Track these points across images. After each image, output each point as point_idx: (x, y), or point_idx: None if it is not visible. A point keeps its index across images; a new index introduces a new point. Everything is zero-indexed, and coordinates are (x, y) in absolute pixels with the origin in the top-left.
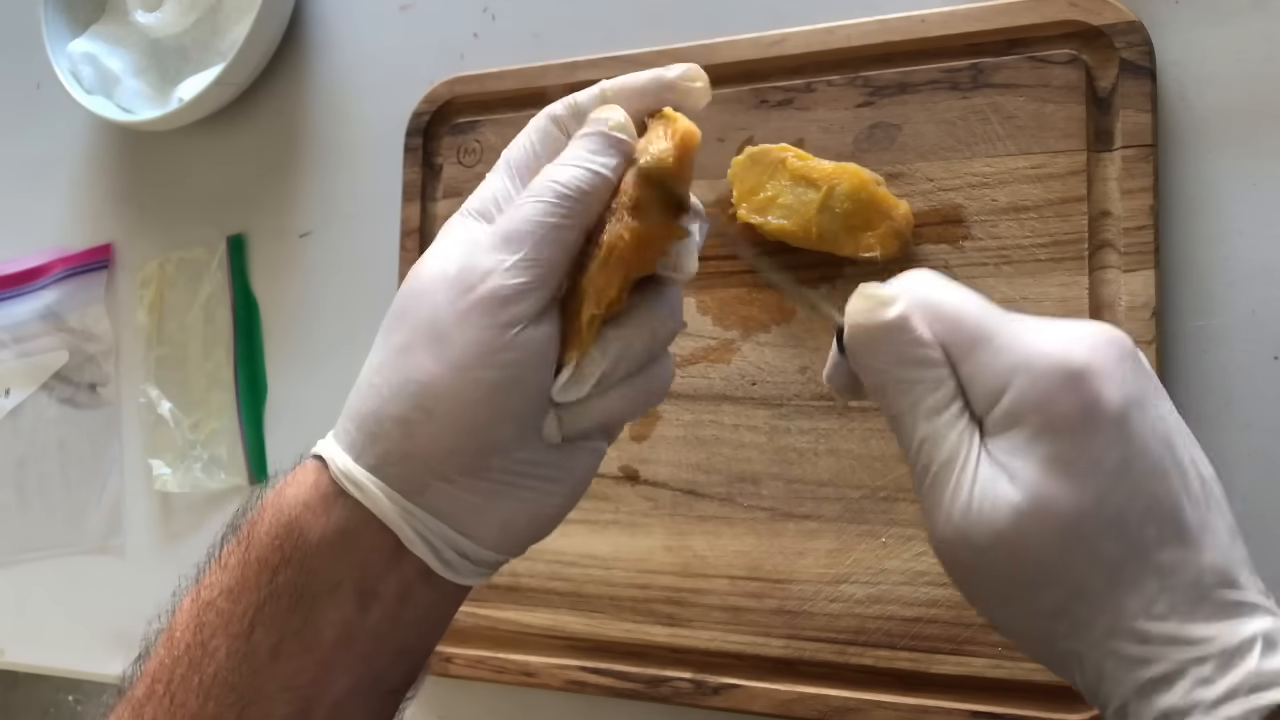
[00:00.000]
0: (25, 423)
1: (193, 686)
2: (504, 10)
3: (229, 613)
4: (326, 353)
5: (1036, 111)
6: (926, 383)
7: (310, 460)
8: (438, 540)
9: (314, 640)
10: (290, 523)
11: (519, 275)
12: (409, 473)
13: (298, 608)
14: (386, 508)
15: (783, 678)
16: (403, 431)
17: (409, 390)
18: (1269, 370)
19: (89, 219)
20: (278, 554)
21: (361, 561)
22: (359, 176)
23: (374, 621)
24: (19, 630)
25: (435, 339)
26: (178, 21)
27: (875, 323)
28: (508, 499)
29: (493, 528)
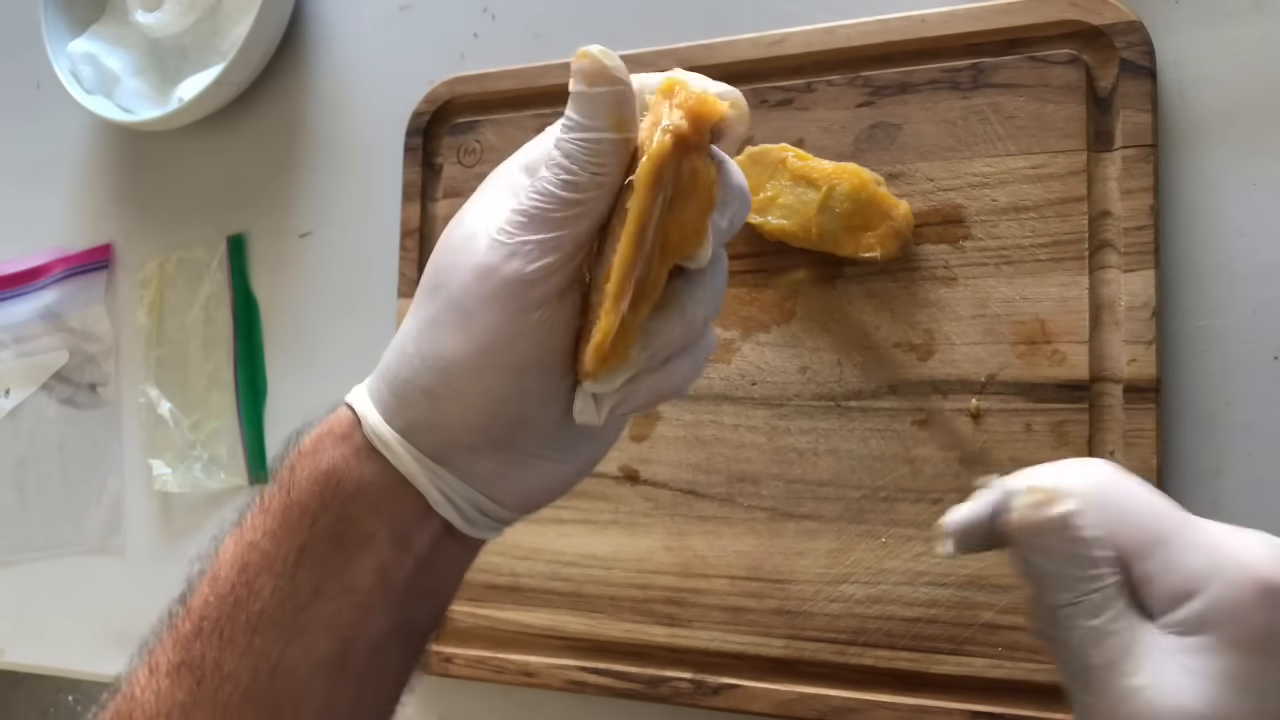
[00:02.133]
0: (25, 423)
1: (240, 623)
2: (504, 10)
3: (273, 554)
4: (326, 353)
5: (1037, 111)
6: (1090, 579)
7: (345, 411)
8: (462, 501)
9: (353, 582)
10: (329, 471)
11: (541, 258)
12: (436, 440)
13: (337, 551)
14: (414, 470)
15: (783, 678)
16: (430, 404)
17: (438, 365)
18: (1269, 370)
19: (89, 219)
20: (317, 500)
21: (395, 514)
22: (359, 176)
23: (407, 568)
24: (19, 630)
25: (463, 317)
26: (178, 21)
27: (1042, 518)
28: (528, 469)
29: (512, 493)
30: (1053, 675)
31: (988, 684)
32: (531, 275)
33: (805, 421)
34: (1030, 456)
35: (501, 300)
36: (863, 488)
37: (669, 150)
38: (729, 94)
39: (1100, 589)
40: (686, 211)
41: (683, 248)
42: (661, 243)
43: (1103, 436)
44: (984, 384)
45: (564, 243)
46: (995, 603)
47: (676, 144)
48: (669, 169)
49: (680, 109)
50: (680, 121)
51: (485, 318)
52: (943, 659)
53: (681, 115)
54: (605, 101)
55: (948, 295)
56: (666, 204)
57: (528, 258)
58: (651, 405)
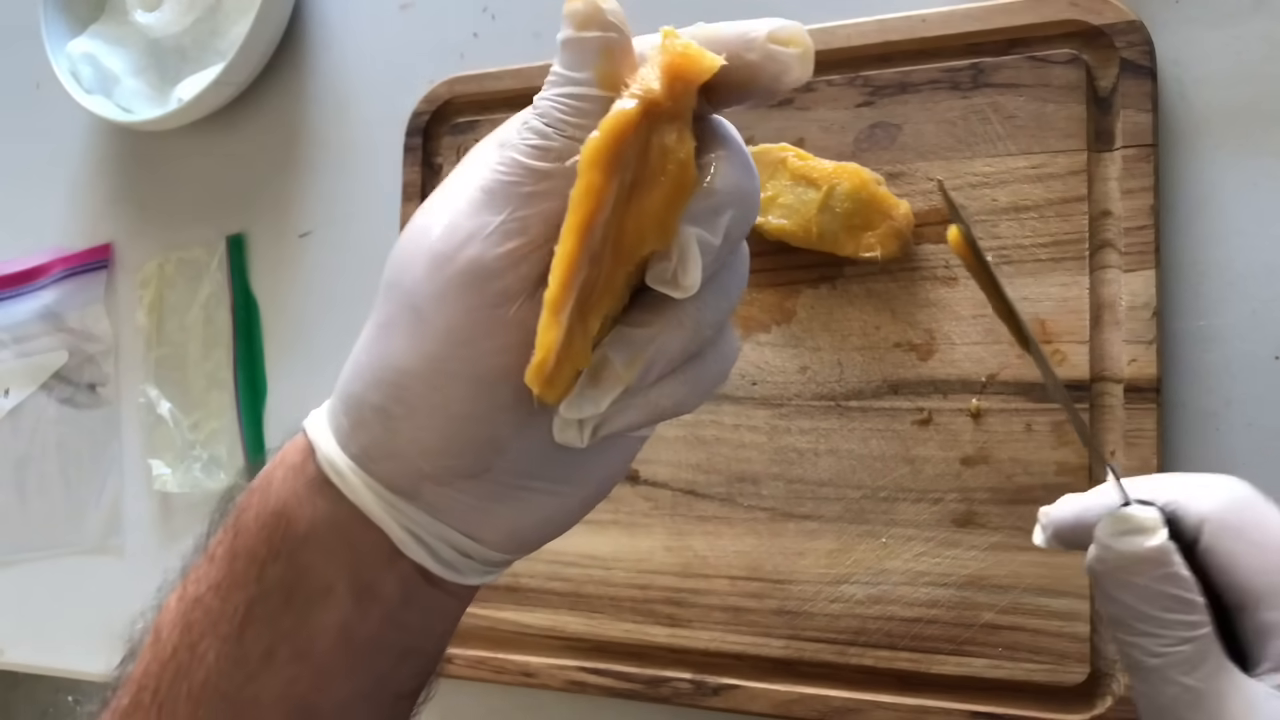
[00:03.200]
0: (25, 423)
1: (181, 695)
2: (504, 10)
3: (218, 611)
4: (326, 353)
5: (1037, 111)
6: (1181, 626)
7: (300, 437)
8: (433, 540)
9: (309, 645)
10: (277, 511)
11: (503, 243)
12: (396, 470)
13: (289, 608)
14: (372, 505)
15: (783, 678)
16: (383, 425)
17: (387, 378)
18: (1270, 370)
19: (88, 219)
20: (265, 546)
21: (355, 559)
22: (359, 176)
23: (374, 623)
24: (19, 630)
25: (414, 318)
26: (177, 21)
27: (1129, 552)
28: (514, 502)
29: (497, 531)
30: (1053, 675)
31: (988, 684)
32: (492, 264)
33: (805, 421)
34: (1030, 456)
35: (457, 295)
36: (863, 488)
37: (633, 119)
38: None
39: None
40: (648, 199)
41: (638, 246)
42: (616, 238)
43: (1103, 436)
44: (984, 384)
45: (531, 224)
46: (996, 603)
47: (645, 111)
48: (632, 143)
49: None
50: (652, 83)
51: (439, 317)
52: (943, 659)
53: (656, 74)
54: (593, 48)
55: (948, 295)
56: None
57: (487, 242)
58: (650, 424)
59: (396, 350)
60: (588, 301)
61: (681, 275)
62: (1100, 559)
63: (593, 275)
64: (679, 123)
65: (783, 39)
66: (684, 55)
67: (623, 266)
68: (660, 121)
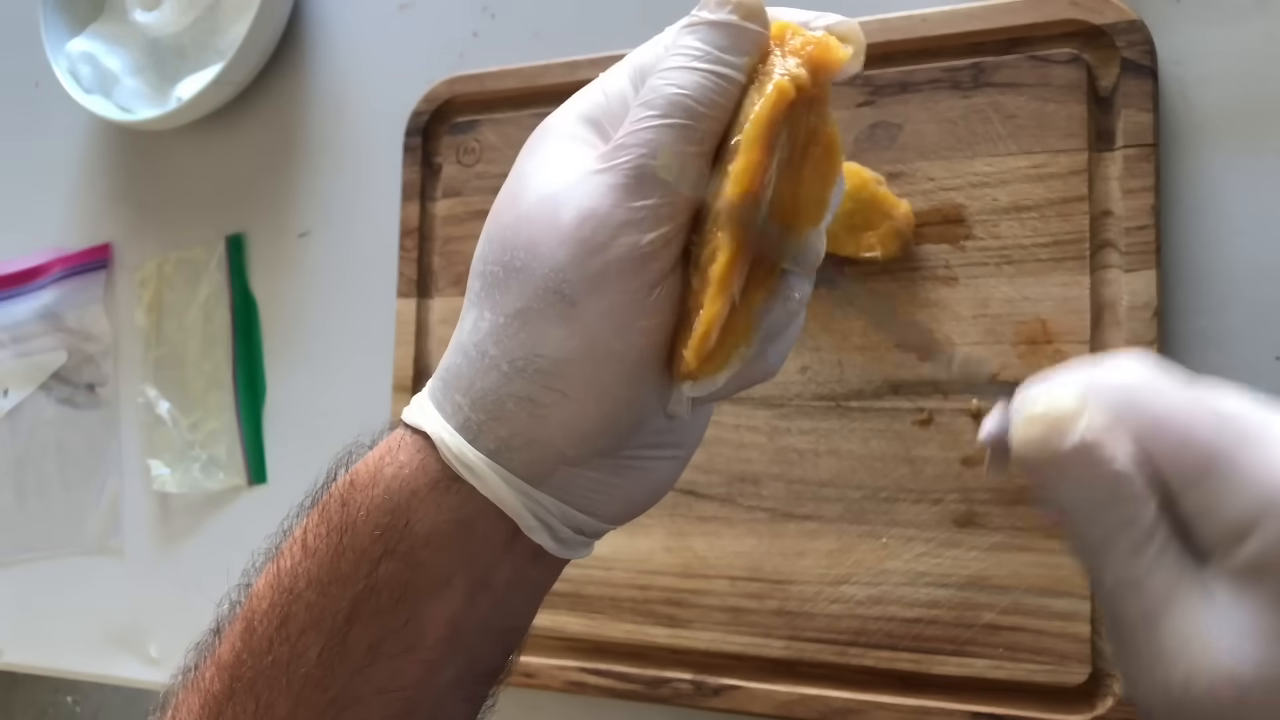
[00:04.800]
0: (24, 423)
1: (280, 688)
2: (504, 9)
3: (320, 607)
4: (326, 353)
5: (1038, 111)
6: (1121, 517)
7: (406, 434)
8: (557, 522)
9: (418, 638)
10: (395, 509)
11: (657, 226)
12: (535, 457)
13: (402, 604)
14: (507, 496)
15: (783, 679)
16: (529, 414)
17: (536, 366)
18: (1271, 370)
19: (87, 219)
20: (380, 545)
21: (475, 552)
22: (358, 176)
23: (482, 611)
24: (18, 630)
25: (563, 306)
26: (176, 20)
27: (1052, 452)
28: (634, 474)
29: (616, 504)
30: (1054, 676)
31: (989, 685)
32: (647, 248)
33: (806, 422)
34: None
35: (615, 280)
36: (863, 488)
37: (788, 102)
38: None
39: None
40: (810, 178)
41: (802, 224)
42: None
43: None
44: (985, 384)
45: (680, 207)
46: (997, 603)
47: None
48: (783, 126)
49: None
50: (799, 70)
51: (597, 303)
52: (944, 660)
53: (798, 63)
54: (752, 41)
55: (949, 295)
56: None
57: (641, 227)
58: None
59: (548, 338)
60: (754, 279)
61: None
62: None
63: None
64: (821, 107)
65: (840, 35)
66: (824, 46)
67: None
68: (807, 107)
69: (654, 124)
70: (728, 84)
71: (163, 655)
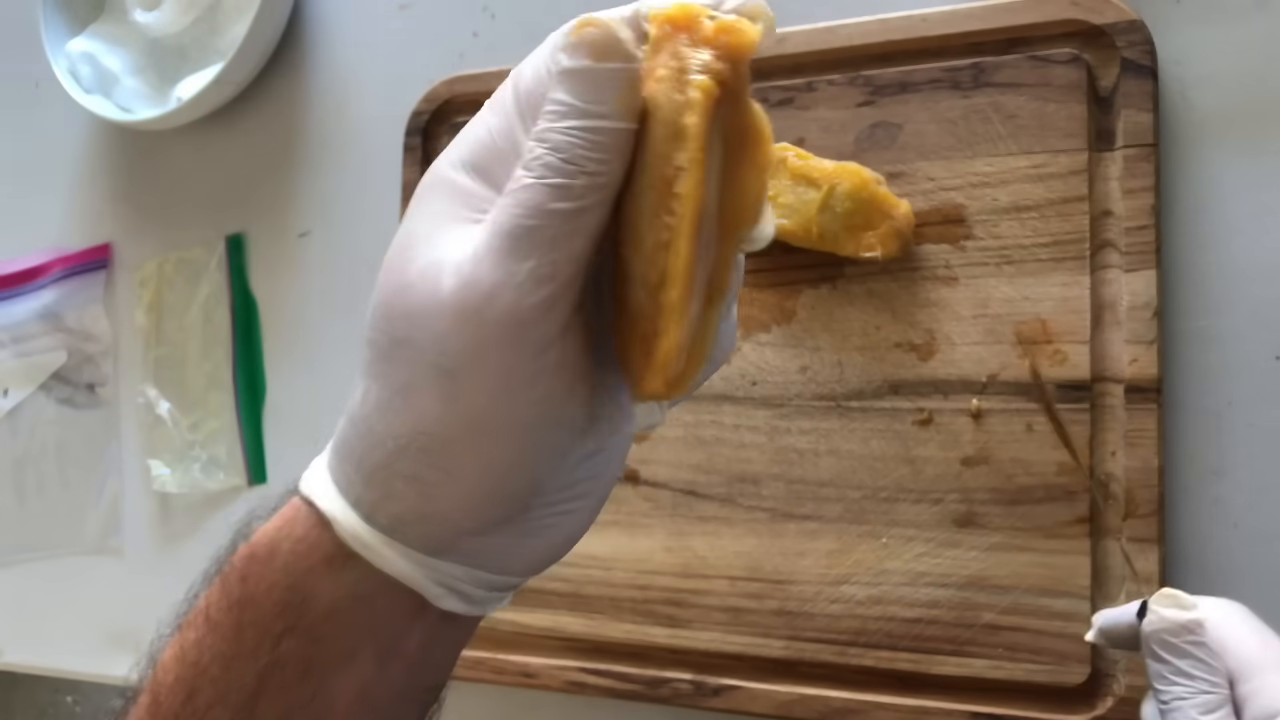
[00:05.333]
0: (24, 423)
1: None
2: (503, 9)
3: (225, 682)
4: (326, 353)
5: (1038, 111)
6: (1203, 681)
7: (303, 506)
8: (467, 586)
9: (327, 709)
10: (294, 586)
11: (537, 289)
12: (431, 532)
13: (307, 678)
14: (407, 570)
15: (783, 679)
16: (419, 493)
17: (419, 445)
18: (1270, 370)
19: (87, 219)
20: (280, 621)
21: (380, 624)
22: (358, 176)
23: (394, 677)
24: (17, 630)
25: (444, 379)
26: (176, 20)
27: (1175, 619)
28: (545, 530)
29: (527, 560)
30: (1054, 676)
31: (989, 685)
32: (528, 313)
33: (806, 422)
34: (1031, 457)
35: (494, 350)
36: (863, 488)
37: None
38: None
39: (1208, 693)
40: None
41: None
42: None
43: (1104, 437)
44: (985, 384)
45: (561, 266)
46: (996, 604)
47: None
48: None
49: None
50: (718, 64)
51: (476, 376)
52: (943, 660)
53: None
54: (617, 82)
55: (949, 295)
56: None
57: (521, 290)
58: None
59: (428, 414)
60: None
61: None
62: (1149, 623)
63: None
64: (742, 96)
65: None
66: (738, 31)
67: (732, 248)
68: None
69: (530, 184)
70: (604, 135)
71: None
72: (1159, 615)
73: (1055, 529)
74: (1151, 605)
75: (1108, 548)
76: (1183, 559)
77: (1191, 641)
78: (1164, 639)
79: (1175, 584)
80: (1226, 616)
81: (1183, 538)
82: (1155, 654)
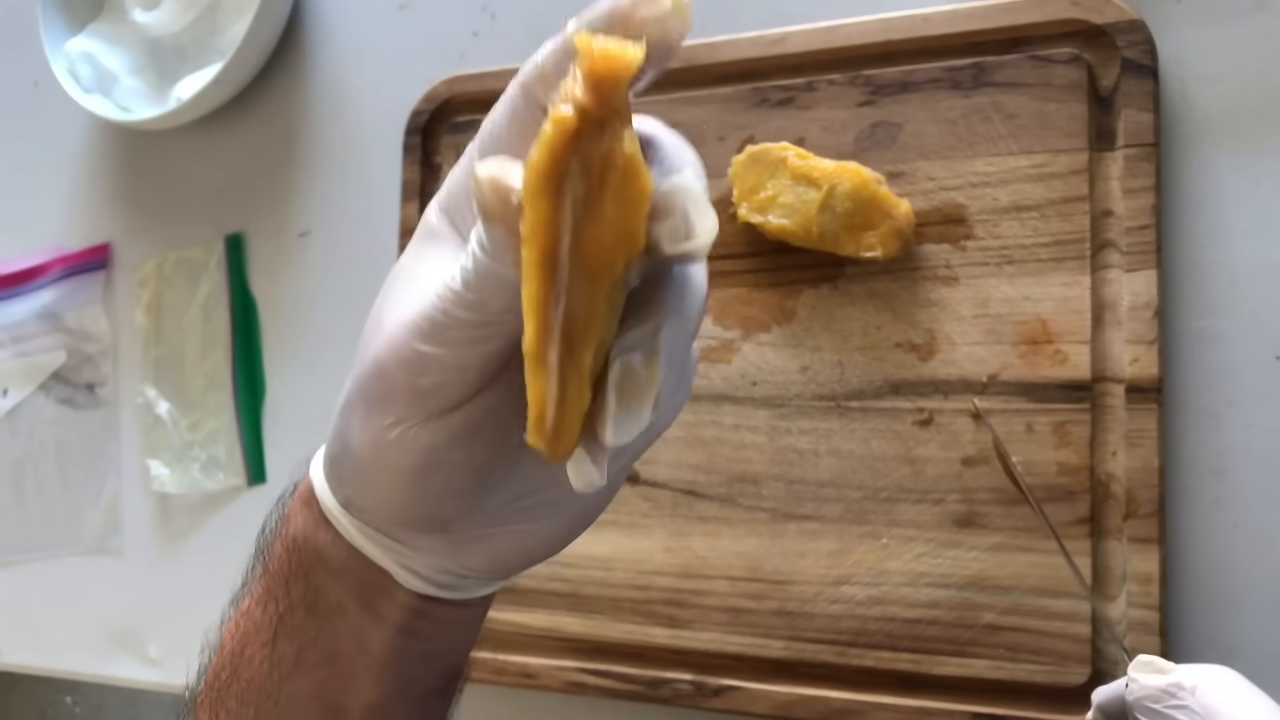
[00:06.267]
0: (23, 423)
1: (235, 692)
2: (504, 9)
3: (259, 621)
4: (325, 353)
5: (1038, 110)
6: None
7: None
8: (427, 570)
9: (332, 650)
10: (294, 538)
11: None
12: (374, 519)
13: (311, 619)
14: (365, 545)
15: (783, 679)
16: (354, 487)
17: (346, 449)
18: (1271, 370)
19: (87, 218)
20: (288, 567)
21: (361, 582)
22: (358, 176)
23: (387, 634)
24: (17, 631)
25: (363, 408)
26: (176, 20)
27: (1155, 684)
28: (491, 540)
29: (478, 562)
30: (1055, 676)
31: (989, 685)
32: (427, 387)
33: (806, 422)
34: (1032, 457)
35: (392, 410)
36: (864, 488)
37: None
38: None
39: None
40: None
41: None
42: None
43: (1104, 437)
44: (985, 384)
45: (470, 367)
46: (997, 604)
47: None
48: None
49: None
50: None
51: (376, 421)
52: (944, 660)
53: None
54: (509, 245)
55: (949, 295)
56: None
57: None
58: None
59: (352, 428)
60: (573, 338)
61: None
62: (1130, 690)
63: (571, 308)
64: (616, 124)
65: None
66: (603, 58)
67: (600, 289)
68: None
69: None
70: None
71: (162, 655)
72: (1139, 684)
73: (1056, 529)
74: (1131, 674)
75: (1108, 548)
76: (1183, 559)
77: (1174, 706)
78: (1147, 706)
79: (1175, 584)
80: (1215, 682)
81: (1183, 538)
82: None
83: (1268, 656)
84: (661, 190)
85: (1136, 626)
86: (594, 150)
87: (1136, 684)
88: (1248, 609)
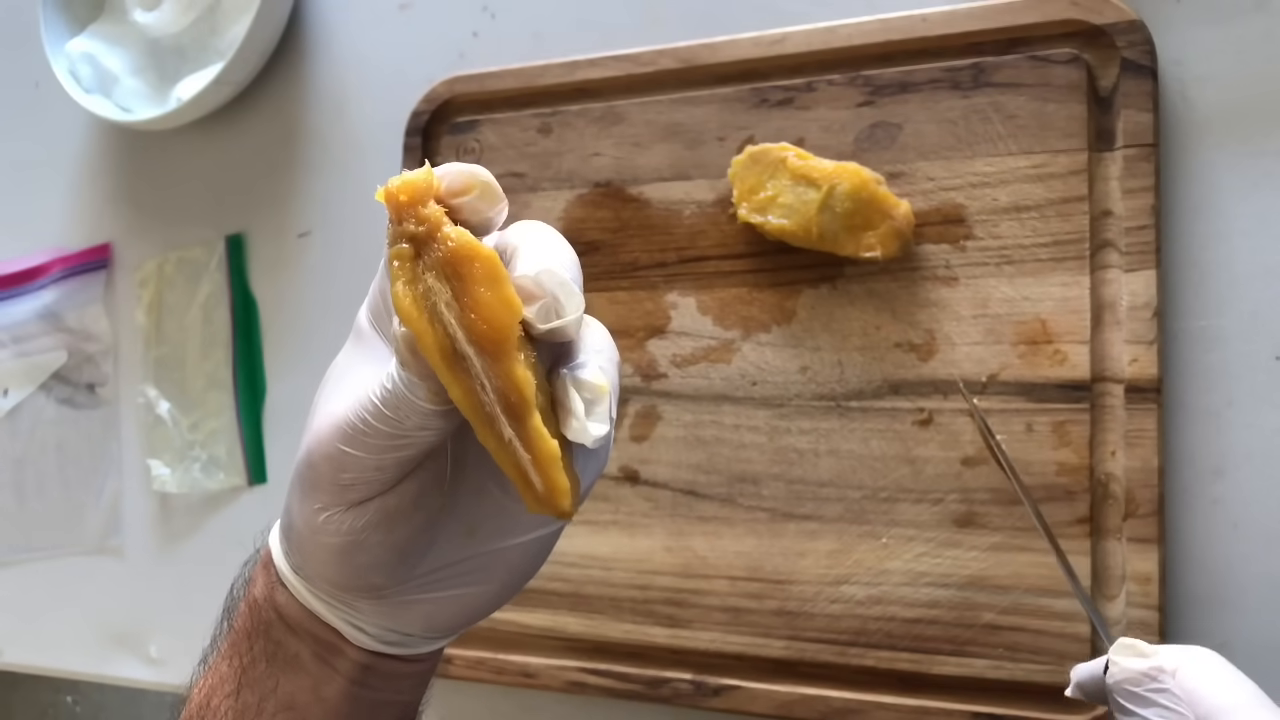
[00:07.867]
0: (24, 423)
1: None
2: (503, 9)
3: (224, 674)
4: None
5: (1038, 111)
6: None
7: None
8: (374, 629)
9: (290, 700)
10: (255, 599)
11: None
12: (318, 584)
13: (271, 671)
14: (315, 605)
15: (783, 679)
16: (299, 557)
17: (293, 526)
18: (1270, 370)
19: (87, 219)
20: (250, 624)
21: (314, 639)
22: (358, 176)
23: (341, 685)
24: (18, 631)
25: (300, 490)
26: (176, 20)
27: (1135, 668)
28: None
29: (415, 625)
30: (1054, 676)
31: (989, 685)
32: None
33: (806, 422)
34: (1031, 456)
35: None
36: (864, 488)
37: (406, 265)
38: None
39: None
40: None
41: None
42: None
43: (1104, 437)
44: (985, 384)
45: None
46: (996, 604)
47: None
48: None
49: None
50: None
51: (308, 505)
52: (944, 660)
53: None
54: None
55: (949, 295)
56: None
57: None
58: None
59: (293, 508)
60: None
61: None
62: (1110, 674)
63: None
64: (442, 229)
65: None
66: (401, 184)
67: (510, 358)
68: (428, 244)
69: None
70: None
71: (162, 655)
72: (1119, 666)
73: (1055, 529)
74: (1111, 656)
75: (1107, 548)
76: (1183, 559)
77: (1155, 689)
78: (1127, 689)
79: (1175, 584)
80: (1195, 663)
81: (1183, 538)
82: (1121, 705)
83: (1267, 655)
84: (530, 277)
85: (1136, 626)
86: (435, 258)
87: (1117, 667)
88: (1247, 609)
